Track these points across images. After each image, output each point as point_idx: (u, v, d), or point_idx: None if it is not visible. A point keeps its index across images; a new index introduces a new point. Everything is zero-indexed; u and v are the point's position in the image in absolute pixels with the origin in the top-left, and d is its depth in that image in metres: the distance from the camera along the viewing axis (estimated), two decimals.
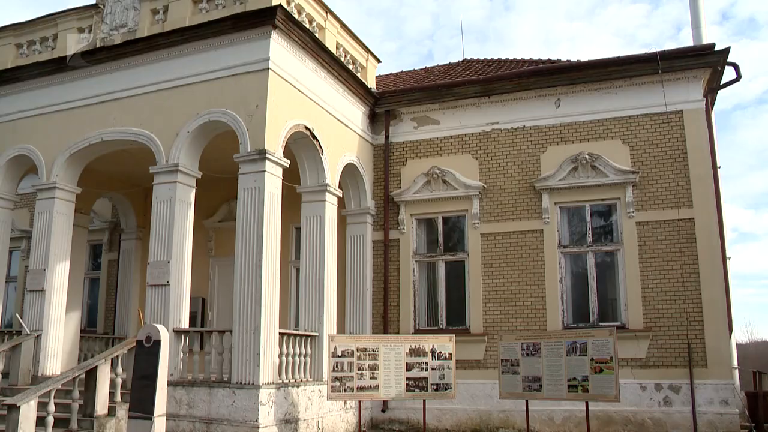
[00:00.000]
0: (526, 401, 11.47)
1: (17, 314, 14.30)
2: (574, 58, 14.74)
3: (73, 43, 13.86)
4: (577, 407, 12.16)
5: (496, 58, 17.44)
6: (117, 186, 16.47)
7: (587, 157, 13.51)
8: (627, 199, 13.22)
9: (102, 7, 13.71)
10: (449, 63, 18.81)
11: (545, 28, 59.10)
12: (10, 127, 14.25)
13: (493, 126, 14.58)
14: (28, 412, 9.59)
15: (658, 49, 13.42)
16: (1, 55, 14.73)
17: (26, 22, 14.59)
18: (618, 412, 12.37)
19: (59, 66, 13.66)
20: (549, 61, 15.27)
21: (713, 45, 13.16)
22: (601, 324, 13.00)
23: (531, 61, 15.79)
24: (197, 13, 12.56)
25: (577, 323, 13.37)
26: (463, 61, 18.47)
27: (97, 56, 13.28)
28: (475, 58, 18.39)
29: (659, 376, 12.52)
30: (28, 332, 12.89)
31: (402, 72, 19.25)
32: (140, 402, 9.60)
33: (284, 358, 11.66)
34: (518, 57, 16.76)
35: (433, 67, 18.74)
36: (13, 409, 9.50)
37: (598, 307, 13.36)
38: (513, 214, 14.09)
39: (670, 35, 57.29)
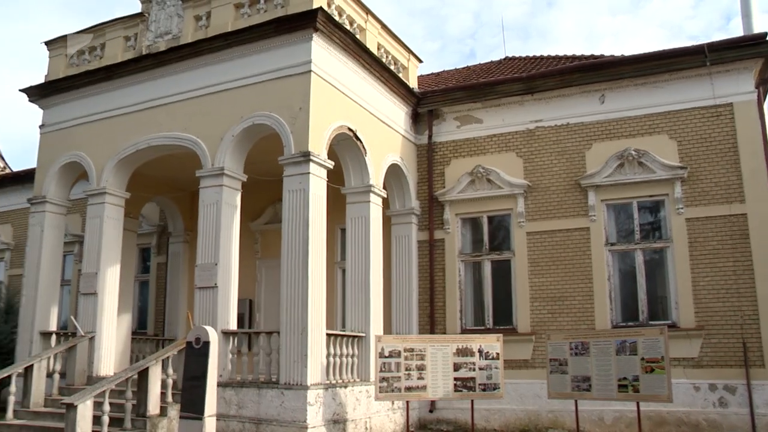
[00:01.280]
0: (576, 401, 11.31)
1: (72, 316, 14.64)
2: (618, 53, 14.55)
3: (120, 52, 14.17)
4: (627, 407, 11.93)
5: (538, 55, 17.28)
6: (164, 190, 16.75)
7: (633, 153, 13.28)
8: (675, 195, 12.95)
9: (147, 15, 13.98)
10: (491, 61, 18.70)
11: (588, 24, 58.23)
12: (62, 135, 14.63)
13: (537, 123, 14.43)
14: (84, 411, 9.86)
15: (706, 41, 13.16)
16: (53, 66, 15.16)
17: (76, 33, 14.97)
18: (671, 412, 12.12)
19: (107, 74, 13.98)
20: (592, 56, 15.05)
21: (765, 34, 12.79)
22: (651, 323, 12.75)
23: (574, 57, 15.59)
24: (239, 18, 12.70)
25: (626, 322, 13.13)
26: (505, 59, 18.33)
27: (142, 63, 13.55)
28: (517, 55, 18.24)
29: (713, 376, 12.23)
30: (83, 334, 13.21)
31: (444, 71, 19.18)
32: (191, 402, 9.76)
33: (332, 358, 11.71)
34: (561, 53, 16.59)
35: (475, 66, 18.65)
36: (71, 408, 9.78)
37: (647, 305, 13.11)
38: (559, 212, 13.92)
39: (718, 26, 56.00)
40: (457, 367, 11.51)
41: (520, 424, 13.34)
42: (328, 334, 11.60)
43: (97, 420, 10.07)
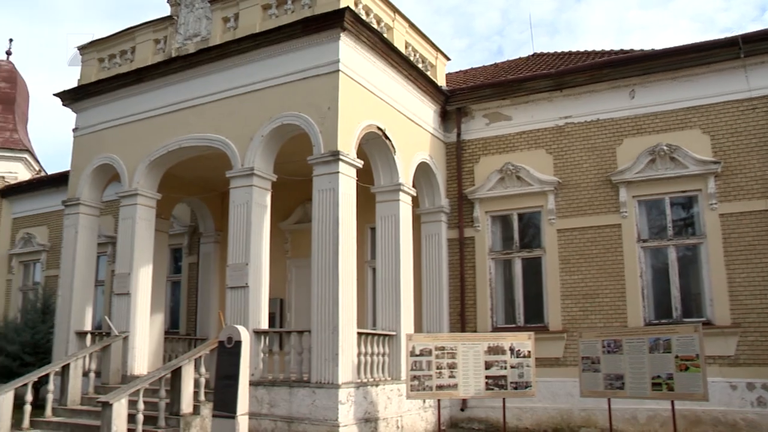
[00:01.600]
0: (609, 400, 11.16)
1: (106, 316, 14.84)
2: (648, 47, 14.27)
3: (150, 54, 14.33)
4: (661, 406, 11.80)
5: (566, 51, 17.12)
6: (195, 191, 16.90)
7: (665, 148, 13.10)
8: (709, 190, 12.75)
9: (176, 18, 14.12)
10: (519, 58, 18.57)
11: (618, 18, 57.52)
12: (95, 138, 14.84)
13: (567, 120, 14.30)
14: (120, 409, 10.03)
15: (740, 33, 12.93)
16: (86, 70, 15.39)
17: (107, 37, 15.18)
18: (706, 411, 11.93)
19: (138, 77, 14.15)
20: (622, 51, 14.88)
21: None
22: (684, 320, 12.56)
23: (603, 53, 15.43)
24: (267, 19, 12.77)
25: (660, 319, 12.94)
26: (533, 55, 18.21)
27: (172, 65, 13.69)
28: (545, 51, 18.10)
29: (751, 374, 12.00)
30: (117, 333, 13.39)
31: (472, 69, 19.10)
32: (223, 401, 9.84)
33: (362, 357, 11.74)
34: (589, 49, 16.44)
35: (503, 63, 18.55)
36: (107, 406, 9.94)
37: (681, 302, 12.91)
38: (589, 209, 13.79)
39: (752, 17, 54.94)
40: (488, 366, 11.46)
41: (552, 423, 13.25)
42: (358, 333, 11.62)
43: (131, 418, 10.22)
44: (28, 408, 11.64)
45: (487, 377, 11.43)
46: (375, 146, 12.95)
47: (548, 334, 13.58)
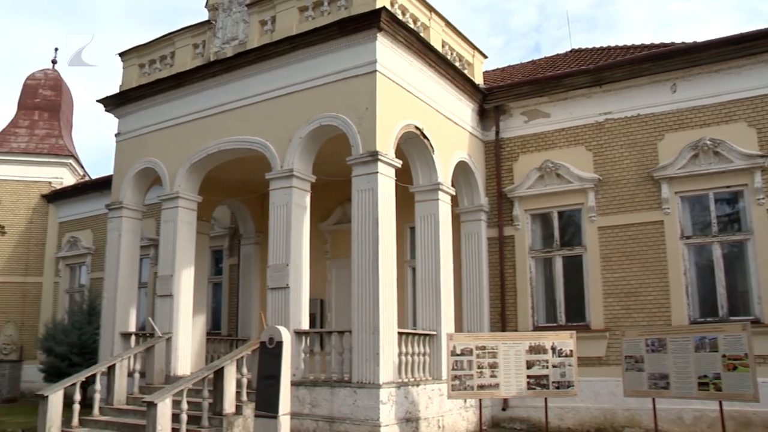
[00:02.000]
0: (653, 400, 10.98)
1: (149, 318, 15.08)
2: (690, 40, 14.00)
3: (189, 59, 14.52)
4: (708, 407, 11.55)
5: (605, 46, 16.89)
6: (235, 193, 17.08)
7: (708, 142, 12.84)
8: (755, 185, 12.46)
9: (214, 22, 14.28)
10: (557, 54, 18.37)
11: (658, 11, 56.50)
12: (136, 143, 15.09)
13: (606, 116, 14.11)
14: (164, 409, 10.15)
15: None
16: (127, 76, 15.67)
17: (147, 43, 15.43)
18: (757, 413, 11.61)
19: (178, 81, 14.35)
20: (663, 44, 14.61)
21: None
22: (731, 318, 12.30)
23: (643, 46, 15.17)
24: (304, 21, 12.84)
25: (705, 318, 12.68)
26: (571, 51, 17.99)
27: (211, 69, 13.85)
28: (583, 47, 17.87)
29: None
30: (160, 335, 13.59)
31: (509, 66, 18.96)
32: (265, 401, 9.91)
33: (403, 357, 11.73)
34: (629, 43, 16.16)
35: (540, 60, 18.37)
36: (152, 406, 10.08)
37: (727, 300, 12.63)
38: (631, 206, 13.58)
39: None
40: (530, 365, 11.36)
41: (595, 423, 13.09)
42: (399, 333, 11.61)
43: (175, 418, 10.34)
44: (76, 407, 11.92)
45: (528, 377, 11.33)
46: (413, 146, 12.94)
47: (590, 333, 13.41)
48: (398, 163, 11.98)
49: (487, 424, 13.59)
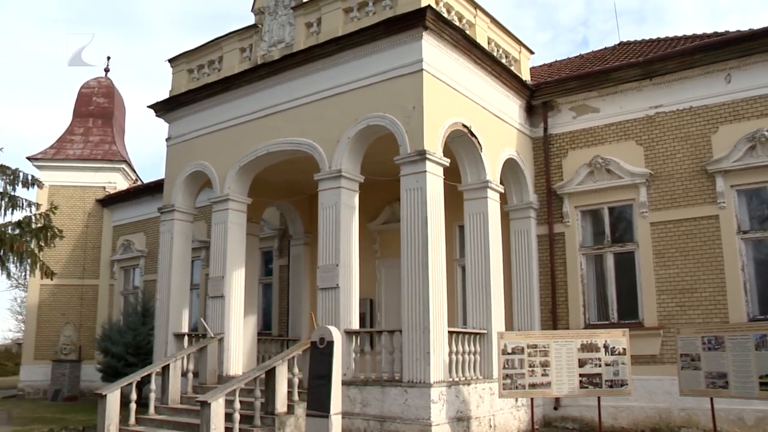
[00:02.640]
0: (711, 399, 10.73)
1: (202, 319, 15.32)
2: (744, 29, 13.59)
3: (236, 63, 14.72)
4: None
5: (654, 38, 16.54)
6: (284, 194, 17.25)
7: (766, 133, 12.47)
8: None
9: (260, 26, 14.44)
10: (605, 48, 18.09)
11: (709, 2, 55.11)
12: (187, 147, 15.36)
13: (657, 109, 13.84)
14: (217, 408, 10.30)
15: None
16: (176, 82, 15.96)
17: (195, 48, 15.70)
18: None
19: (226, 85, 14.55)
20: (716, 34, 14.23)
21: None
22: None
23: (694, 37, 14.82)
24: (349, 22, 12.89)
25: (765, 315, 12.32)
26: (619, 44, 17.68)
27: (258, 72, 14.02)
28: (632, 39, 17.54)
29: None
30: (212, 335, 13.80)
31: (556, 61, 18.74)
32: (317, 400, 9.98)
33: (454, 356, 11.69)
34: (679, 34, 15.81)
35: (588, 54, 18.11)
36: (205, 405, 10.25)
37: None
38: (684, 201, 13.29)
39: None
40: (582, 363, 11.20)
41: (650, 423, 12.85)
42: (449, 332, 11.58)
43: (228, 417, 10.49)
44: (133, 406, 12.22)
45: (581, 375, 11.17)
46: (461, 144, 12.88)
47: (643, 331, 13.17)
48: (446, 161, 11.94)
49: (539, 424, 13.46)
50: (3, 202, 17.73)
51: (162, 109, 16.06)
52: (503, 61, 14.33)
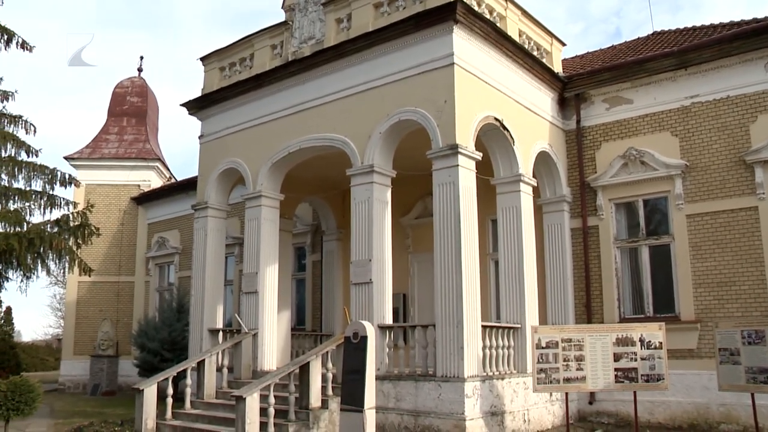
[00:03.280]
0: (752, 395, 10.53)
1: (236, 314, 15.47)
2: None
3: (267, 60, 14.79)
4: None
5: (689, 26, 16.27)
6: (316, 190, 17.31)
7: None
8: None
9: (290, 23, 14.50)
10: (638, 38, 17.82)
11: None
12: (219, 144, 15.49)
13: (693, 99, 13.61)
14: (252, 403, 10.40)
15: None
16: (208, 80, 16.11)
17: (226, 46, 15.81)
18: None
19: (257, 82, 14.64)
20: (754, 20, 13.90)
21: None
22: None
23: (731, 24, 14.51)
24: (379, 17, 12.88)
25: None
26: (653, 33, 17.42)
27: (289, 69, 14.08)
28: (666, 29, 17.27)
29: None
30: (246, 331, 13.93)
31: (588, 53, 18.53)
32: (351, 395, 9.99)
33: (487, 350, 11.66)
34: (715, 22, 15.50)
35: (621, 44, 17.87)
36: (240, 400, 10.35)
37: None
38: (721, 192, 13.06)
39: None
40: (617, 357, 11.08)
41: (687, 418, 12.67)
42: (483, 326, 11.55)
43: (263, 411, 10.58)
44: (169, 400, 12.42)
45: (616, 369, 11.05)
46: (493, 137, 12.82)
47: (680, 325, 12.99)
48: (478, 155, 11.89)
49: (574, 418, 13.36)
50: (42, 201, 18.06)
51: (194, 107, 16.22)
52: (535, 53, 14.21)
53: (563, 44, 15.57)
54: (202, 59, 16.34)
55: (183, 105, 16.42)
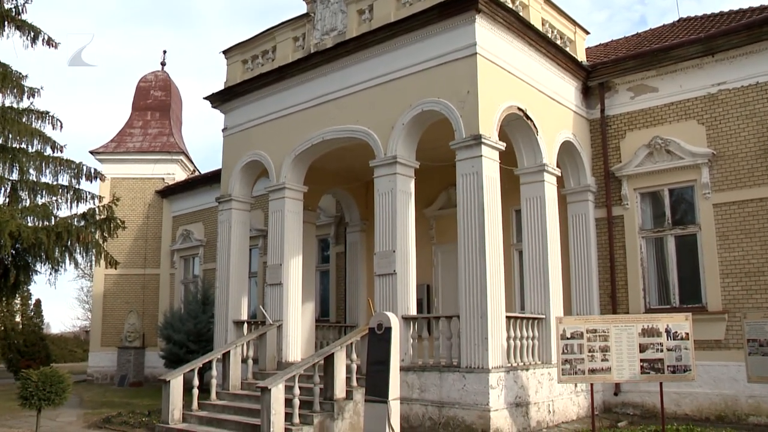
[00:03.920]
0: None
1: (260, 306, 15.55)
2: None
3: (290, 52, 14.81)
4: None
5: (716, 12, 16.01)
6: (339, 182, 17.33)
7: None
8: None
9: (312, 15, 14.50)
10: (663, 25, 17.58)
11: None
12: (243, 136, 15.55)
13: (720, 86, 13.40)
14: (277, 394, 10.45)
15: None
16: (231, 73, 16.17)
17: (249, 39, 15.86)
18: None
19: (280, 75, 14.67)
20: None
21: None
22: None
23: (761, 9, 14.22)
24: (401, 7, 12.84)
25: None
26: (678, 20, 17.17)
27: (312, 61, 14.09)
28: (692, 15, 17.01)
29: None
30: (271, 322, 14.00)
31: (612, 41, 18.32)
32: (375, 386, 10.04)
33: (512, 341, 11.63)
34: (744, 7, 15.22)
35: (645, 32, 17.63)
36: (266, 391, 10.40)
37: None
38: (749, 181, 12.86)
39: None
40: (643, 348, 10.94)
41: (715, 410, 12.54)
42: (507, 317, 11.52)
43: (288, 402, 10.64)
44: (195, 391, 12.54)
45: (642, 360, 10.90)
46: (516, 127, 12.74)
47: (707, 315, 12.85)
48: (502, 145, 11.83)
49: (599, 409, 13.28)
50: (68, 196, 18.26)
51: (217, 100, 16.29)
52: (558, 42, 14.08)
53: (587, 32, 15.42)
54: (225, 52, 16.40)
55: (206, 98, 16.50)
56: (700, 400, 12.73)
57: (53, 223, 16.86)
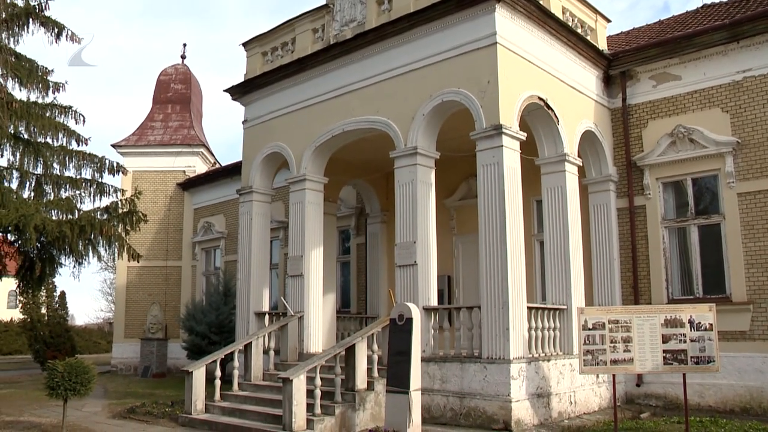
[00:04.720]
0: None
1: (282, 297, 15.62)
2: None
3: (309, 44, 14.81)
4: None
5: None
6: (359, 173, 17.33)
7: None
8: None
9: (332, 6, 14.48)
10: (686, 12, 17.36)
11: None
12: (264, 128, 15.60)
13: (745, 74, 13.20)
14: (299, 384, 10.52)
15: None
16: (251, 65, 16.22)
17: (268, 31, 15.90)
18: None
19: (300, 66, 14.68)
20: None
21: None
22: None
23: None
24: None
25: None
26: (702, 7, 16.93)
27: (331, 52, 14.08)
28: (716, 1, 16.77)
29: None
30: (293, 313, 14.07)
31: (634, 29, 18.11)
32: (396, 377, 10.09)
33: (533, 332, 11.60)
34: None
35: (668, 19, 17.42)
36: (287, 382, 10.47)
37: None
38: None
39: None
40: (665, 339, 10.84)
41: (739, 401, 12.41)
42: (528, 308, 11.48)
43: (309, 393, 10.70)
44: (218, 382, 12.65)
45: (664, 351, 10.79)
46: (537, 117, 12.66)
47: (731, 306, 12.71)
48: (523, 135, 11.77)
49: (621, 401, 13.21)
50: (91, 189, 18.39)
51: (237, 92, 16.34)
52: (579, 30, 13.95)
53: (608, 21, 15.25)
54: (244, 45, 16.44)
55: (226, 91, 16.56)
56: (724, 392, 12.61)
57: (77, 216, 16.99)
